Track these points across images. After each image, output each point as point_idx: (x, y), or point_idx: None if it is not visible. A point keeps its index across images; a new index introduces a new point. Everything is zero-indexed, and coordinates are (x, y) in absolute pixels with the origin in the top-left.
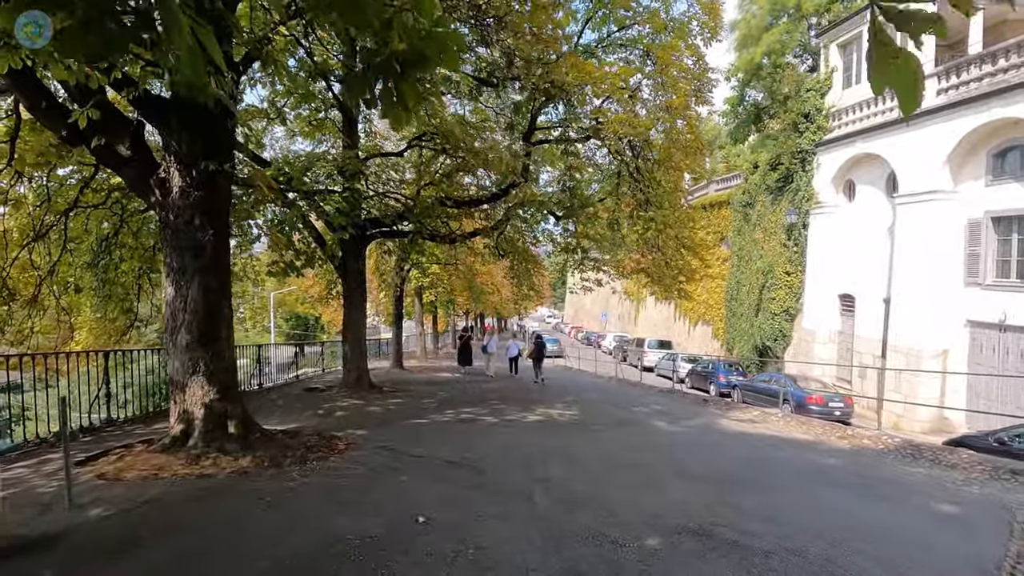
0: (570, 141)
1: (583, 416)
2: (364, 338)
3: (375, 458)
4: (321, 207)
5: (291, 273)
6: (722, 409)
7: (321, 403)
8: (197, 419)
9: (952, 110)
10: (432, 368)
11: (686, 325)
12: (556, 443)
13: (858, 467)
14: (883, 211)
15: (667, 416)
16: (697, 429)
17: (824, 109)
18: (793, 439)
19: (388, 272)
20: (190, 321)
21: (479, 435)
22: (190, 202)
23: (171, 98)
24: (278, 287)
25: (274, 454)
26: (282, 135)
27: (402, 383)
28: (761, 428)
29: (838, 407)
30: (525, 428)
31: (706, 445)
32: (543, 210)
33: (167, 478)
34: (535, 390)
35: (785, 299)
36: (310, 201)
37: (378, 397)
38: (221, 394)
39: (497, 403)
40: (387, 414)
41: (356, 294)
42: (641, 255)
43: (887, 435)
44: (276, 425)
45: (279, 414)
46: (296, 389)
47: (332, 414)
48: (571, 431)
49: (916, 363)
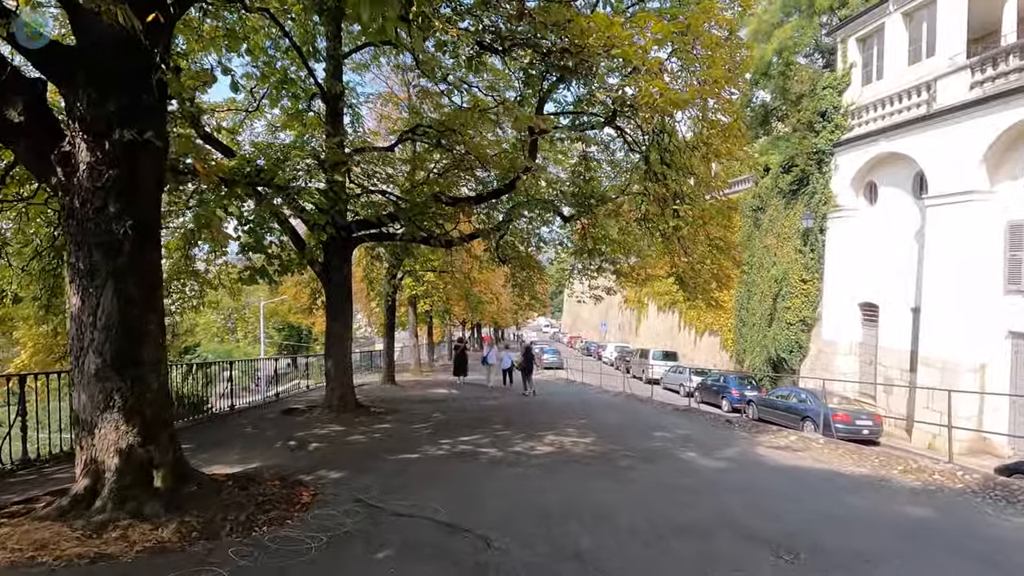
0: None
1: (601, 446)
2: (349, 352)
3: (345, 520)
4: (297, 202)
5: (262, 280)
6: (751, 432)
7: (297, 429)
8: (108, 471)
9: (988, 104)
10: (427, 383)
11: (692, 335)
12: (578, 489)
13: (959, 522)
14: (909, 214)
15: (696, 445)
16: (738, 463)
17: (842, 107)
18: (854, 476)
19: (379, 280)
20: (101, 341)
21: (482, 477)
22: (102, 184)
23: (77, 48)
24: (270, 296)
25: (211, 517)
26: (263, 131)
27: (393, 401)
28: (808, 458)
29: (866, 425)
30: (537, 466)
31: (762, 490)
32: (548, 210)
33: (46, 563)
34: (535, 406)
35: (801, 308)
36: (286, 197)
37: (364, 421)
38: (144, 436)
39: (500, 428)
40: (371, 446)
41: (340, 303)
42: (675, 257)
43: (961, 469)
44: (231, 465)
45: (241, 447)
46: (274, 410)
47: (305, 446)
48: (593, 469)
49: (952, 378)
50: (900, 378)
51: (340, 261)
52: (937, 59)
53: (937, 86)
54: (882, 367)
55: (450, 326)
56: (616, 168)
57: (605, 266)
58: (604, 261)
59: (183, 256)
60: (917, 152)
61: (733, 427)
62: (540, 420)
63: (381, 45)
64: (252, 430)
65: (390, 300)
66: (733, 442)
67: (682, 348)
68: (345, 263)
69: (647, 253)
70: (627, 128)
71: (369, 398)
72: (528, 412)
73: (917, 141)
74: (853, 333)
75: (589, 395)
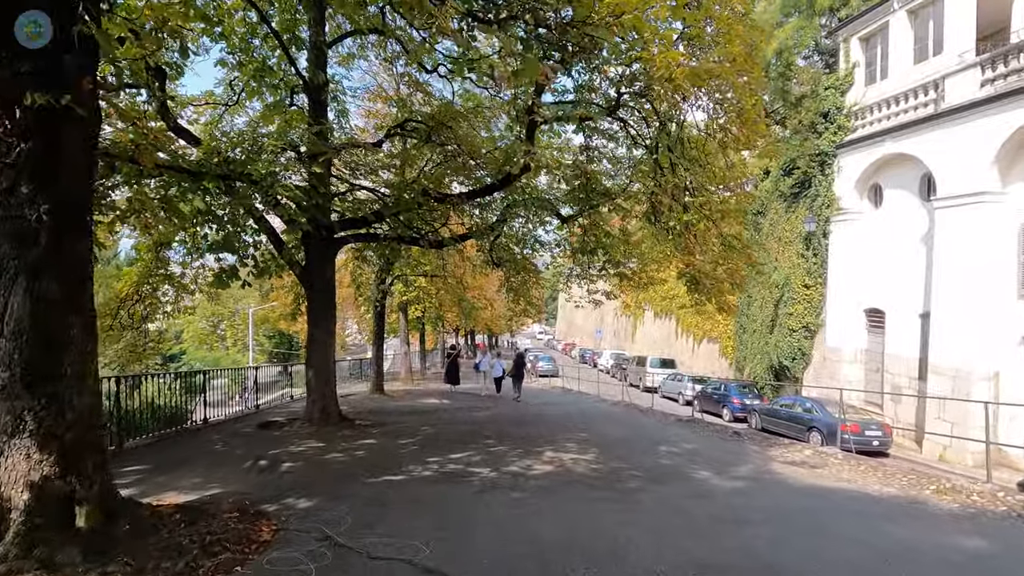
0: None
1: (605, 463)
2: (332, 360)
3: (309, 567)
4: (270, 196)
5: (230, 281)
6: (761, 445)
7: (271, 446)
8: (16, 509)
9: (1000, 102)
10: (418, 392)
11: (690, 342)
12: (583, 518)
13: (1015, 551)
14: (916, 217)
15: (707, 461)
16: (757, 484)
17: (845, 108)
18: (884, 498)
19: (367, 285)
20: (9, 351)
21: (473, 504)
22: (12, 160)
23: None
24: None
25: (142, 566)
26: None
27: (380, 413)
28: (829, 477)
29: (876, 436)
30: (535, 490)
31: (790, 518)
32: (545, 208)
33: None
34: (531, 417)
35: (804, 314)
36: (260, 191)
37: (346, 435)
38: (63, 465)
39: (493, 442)
40: (350, 465)
41: (323, 308)
42: (689, 255)
43: (1001, 489)
44: (187, 491)
45: (205, 467)
46: (250, 423)
47: (276, 467)
48: (598, 494)
49: (964, 386)
50: (908, 386)
51: (322, 263)
52: (945, 57)
53: (946, 84)
54: (889, 375)
55: (443, 333)
56: (617, 165)
57: (607, 267)
58: (607, 262)
59: (155, 258)
60: (925, 153)
61: (742, 439)
62: (537, 433)
63: (367, 34)
64: (222, 447)
65: (379, 306)
66: (745, 457)
67: (680, 355)
68: (328, 265)
69: (652, 253)
70: (631, 120)
71: (355, 409)
72: (524, 424)
73: (925, 141)
74: (858, 340)
75: (587, 405)
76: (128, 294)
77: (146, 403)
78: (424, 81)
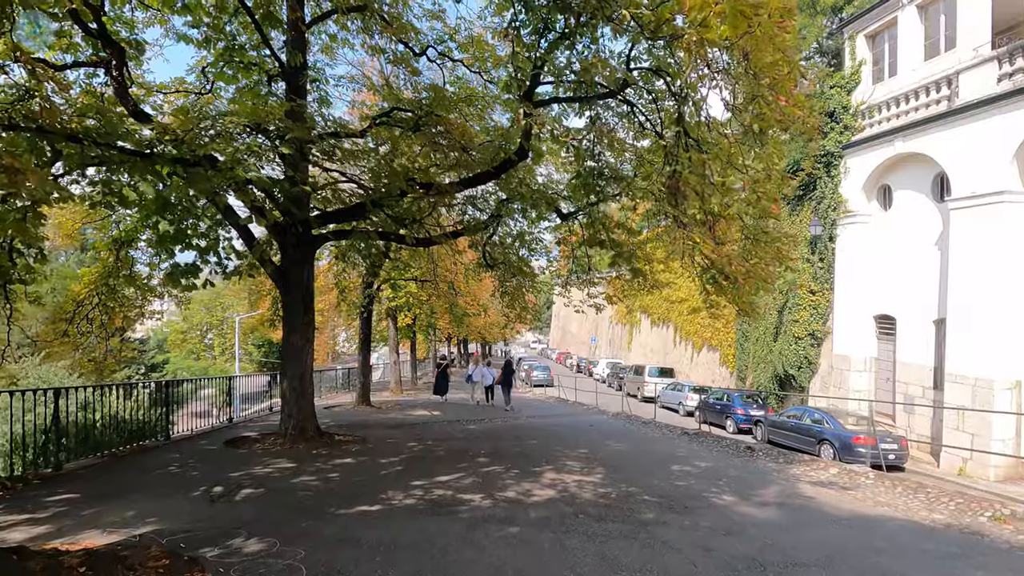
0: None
1: (613, 486)
2: (309, 369)
3: None
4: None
5: (186, 279)
6: (779, 463)
7: (233, 467)
8: None
9: (1019, 97)
10: (406, 403)
11: (688, 351)
12: (596, 564)
13: None
14: (929, 219)
15: (727, 483)
16: (790, 511)
17: (852, 107)
18: (939, 529)
19: (352, 289)
20: None
21: (461, 545)
22: None
23: None
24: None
25: None
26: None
27: (364, 426)
28: (867, 500)
29: (892, 449)
30: (536, 523)
31: (843, 556)
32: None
33: None
34: (527, 430)
35: (810, 321)
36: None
37: (322, 454)
38: None
39: (486, 461)
40: (319, 492)
41: (299, 312)
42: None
43: None
44: (114, 528)
45: (146, 496)
46: (219, 440)
47: (232, 494)
48: (610, 527)
49: (985, 396)
50: (922, 396)
51: (299, 262)
52: (958, 52)
53: (960, 80)
54: (901, 384)
55: (435, 342)
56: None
57: (619, 261)
58: (618, 256)
59: (114, 257)
60: (938, 151)
61: (755, 455)
62: (534, 450)
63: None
64: (176, 468)
65: (365, 312)
66: (767, 477)
67: (678, 364)
68: (306, 265)
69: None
70: (639, 104)
71: (337, 422)
72: (519, 439)
73: (938, 139)
74: (867, 348)
75: (585, 416)
76: (85, 296)
77: (108, 417)
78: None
